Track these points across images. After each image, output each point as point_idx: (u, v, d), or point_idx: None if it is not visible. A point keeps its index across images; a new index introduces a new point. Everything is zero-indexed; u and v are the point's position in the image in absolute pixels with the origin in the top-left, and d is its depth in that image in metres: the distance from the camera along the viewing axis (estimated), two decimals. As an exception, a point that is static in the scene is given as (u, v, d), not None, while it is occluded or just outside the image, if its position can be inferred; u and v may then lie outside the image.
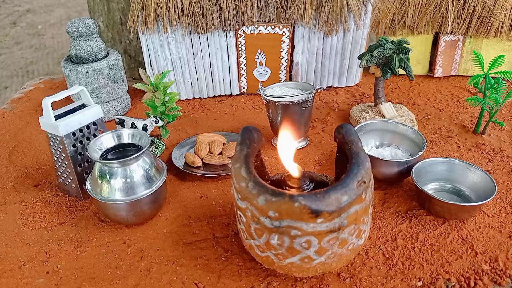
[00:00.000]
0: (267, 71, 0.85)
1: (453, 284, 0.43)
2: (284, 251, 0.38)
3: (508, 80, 0.85)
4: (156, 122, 0.67)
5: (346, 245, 0.39)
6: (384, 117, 0.70)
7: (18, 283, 0.47)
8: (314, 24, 0.79)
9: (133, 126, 0.68)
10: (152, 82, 0.68)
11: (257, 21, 0.79)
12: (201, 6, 0.75)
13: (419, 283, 0.44)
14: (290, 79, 0.86)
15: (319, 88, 0.70)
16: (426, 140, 0.63)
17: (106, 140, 0.53)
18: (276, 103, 0.64)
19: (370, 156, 0.54)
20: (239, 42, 0.81)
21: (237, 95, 0.88)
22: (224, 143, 0.68)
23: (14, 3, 3.74)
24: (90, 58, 0.76)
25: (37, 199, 0.60)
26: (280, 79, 0.85)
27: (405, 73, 0.73)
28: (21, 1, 3.77)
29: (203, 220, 0.54)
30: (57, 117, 0.54)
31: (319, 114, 0.79)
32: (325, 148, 0.69)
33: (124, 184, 0.50)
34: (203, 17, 0.76)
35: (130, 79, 0.97)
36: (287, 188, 0.42)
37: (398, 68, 0.67)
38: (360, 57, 0.70)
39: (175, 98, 0.69)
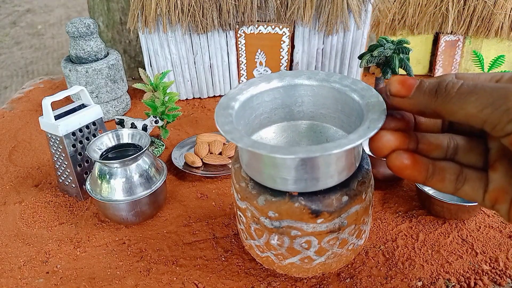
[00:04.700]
0: (267, 71, 0.85)
1: (453, 284, 0.43)
2: (284, 251, 0.38)
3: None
4: (156, 122, 0.67)
5: (346, 245, 0.39)
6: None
7: (17, 283, 0.46)
8: (314, 24, 0.79)
9: (133, 126, 0.68)
10: (152, 82, 0.68)
11: (257, 21, 0.79)
12: (201, 6, 0.75)
13: (419, 283, 0.44)
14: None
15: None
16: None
17: (106, 140, 0.53)
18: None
19: (370, 156, 0.54)
20: (239, 42, 0.81)
21: (237, 95, 0.88)
22: (224, 143, 0.68)
23: (14, 3, 3.74)
24: (90, 58, 0.76)
25: (37, 199, 0.60)
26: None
27: (405, 73, 0.73)
28: (21, 1, 3.77)
29: (203, 220, 0.54)
30: (57, 117, 0.54)
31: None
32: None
33: (123, 184, 0.50)
34: (203, 17, 0.76)
35: (130, 79, 0.97)
36: None
37: (398, 68, 0.67)
38: (360, 57, 0.70)
39: (175, 98, 0.69)
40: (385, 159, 0.31)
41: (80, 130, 0.56)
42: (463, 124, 0.32)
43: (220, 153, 0.66)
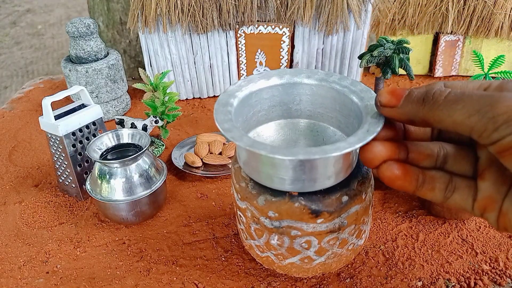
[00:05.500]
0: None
1: (453, 284, 0.43)
2: (284, 251, 0.38)
3: (508, 80, 0.85)
4: (156, 122, 0.67)
5: (346, 245, 0.39)
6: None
7: (17, 283, 0.46)
8: (314, 24, 0.79)
9: (133, 126, 0.68)
10: (152, 82, 0.68)
11: (257, 21, 0.79)
12: (201, 6, 0.75)
13: (419, 283, 0.44)
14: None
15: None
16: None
17: (106, 140, 0.53)
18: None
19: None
20: (239, 42, 0.81)
21: (237, 95, 0.88)
22: (224, 143, 0.68)
23: (14, 3, 3.74)
24: (90, 58, 0.76)
25: (37, 199, 0.60)
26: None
27: (405, 73, 0.73)
28: (21, 1, 3.78)
29: (203, 220, 0.54)
30: (57, 117, 0.54)
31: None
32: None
33: (123, 184, 0.50)
34: (203, 17, 0.76)
35: (130, 79, 0.97)
36: None
37: (398, 68, 0.67)
38: (360, 57, 0.70)
39: (175, 98, 0.69)
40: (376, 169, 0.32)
41: (80, 130, 0.56)
42: (452, 132, 0.32)
43: (220, 153, 0.66)
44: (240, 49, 0.82)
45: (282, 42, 0.81)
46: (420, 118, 0.29)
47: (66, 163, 0.56)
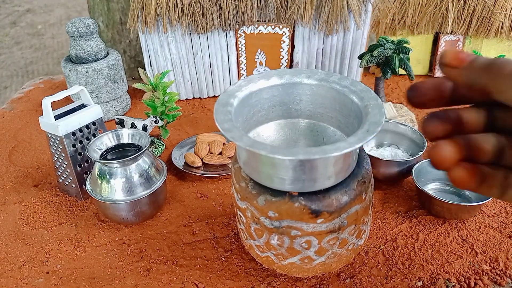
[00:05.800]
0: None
1: (453, 284, 0.43)
2: (284, 251, 0.38)
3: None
4: (156, 122, 0.67)
5: (346, 245, 0.39)
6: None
7: (17, 283, 0.46)
8: (314, 24, 0.79)
9: (133, 126, 0.68)
10: (152, 82, 0.68)
11: (257, 21, 0.79)
12: (201, 6, 0.75)
13: (419, 283, 0.44)
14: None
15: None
16: (427, 140, 0.63)
17: (106, 140, 0.53)
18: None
19: (370, 156, 0.54)
20: (239, 42, 0.81)
21: (237, 95, 0.88)
22: (224, 143, 0.68)
23: (14, 3, 3.74)
24: (90, 58, 0.76)
25: (37, 199, 0.60)
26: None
27: (405, 73, 0.73)
28: (21, 1, 3.77)
29: (203, 220, 0.54)
30: (57, 117, 0.54)
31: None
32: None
33: (123, 184, 0.50)
34: (203, 17, 0.76)
35: (130, 79, 0.97)
36: None
37: (398, 68, 0.67)
38: (360, 57, 0.70)
39: (175, 98, 0.69)
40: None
41: (80, 130, 0.56)
42: (507, 118, 0.31)
43: (220, 153, 0.66)
44: (240, 49, 0.82)
45: (282, 42, 0.81)
46: (480, 85, 0.28)
47: (66, 163, 0.56)
